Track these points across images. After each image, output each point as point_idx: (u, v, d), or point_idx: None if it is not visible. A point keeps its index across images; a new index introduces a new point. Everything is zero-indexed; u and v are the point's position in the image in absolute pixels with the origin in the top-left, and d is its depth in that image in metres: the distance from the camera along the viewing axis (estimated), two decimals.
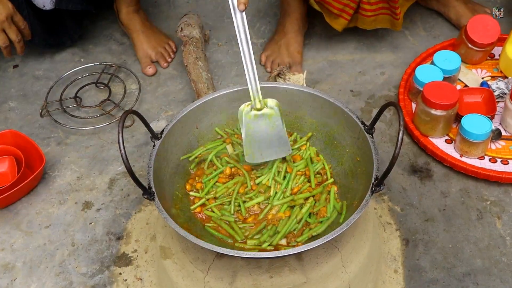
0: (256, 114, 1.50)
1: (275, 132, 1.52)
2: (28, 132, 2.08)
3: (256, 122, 1.51)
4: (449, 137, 1.93)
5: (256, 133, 1.52)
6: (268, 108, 1.50)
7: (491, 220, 1.76)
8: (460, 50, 2.11)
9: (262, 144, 1.53)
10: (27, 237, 1.81)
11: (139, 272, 1.70)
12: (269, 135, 1.52)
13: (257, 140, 1.52)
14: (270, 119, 1.51)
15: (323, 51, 2.32)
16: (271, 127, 1.52)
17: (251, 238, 1.44)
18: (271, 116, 1.51)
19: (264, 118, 1.51)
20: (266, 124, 1.51)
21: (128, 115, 1.36)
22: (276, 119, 1.51)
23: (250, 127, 1.51)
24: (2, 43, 2.00)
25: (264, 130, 1.51)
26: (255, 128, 1.51)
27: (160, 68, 2.31)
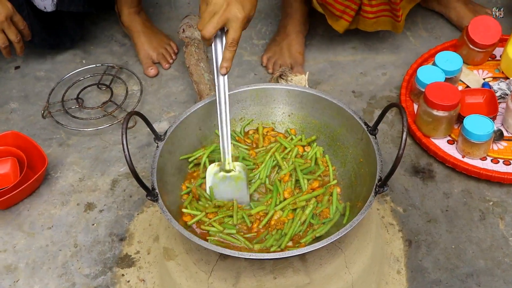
0: (224, 175, 1.52)
1: (238, 193, 1.54)
2: (30, 133, 2.08)
3: (223, 183, 1.53)
4: (451, 138, 1.93)
5: (221, 192, 1.53)
6: (237, 172, 1.52)
7: (494, 221, 1.76)
8: (462, 51, 2.11)
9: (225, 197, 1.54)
10: (30, 238, 1.81)
11: (141, 273, 1.70)
12: (232, 194, 1.53)
13: (219, 197, 1.54)
14: (236, 182, 1.53)
15: (324, 52, 2.32)
16: (236, 189, 1.53)
17: (256, 243, 1.44)
18: (237, 179, 1.53)
19: (231, 180, 1.53)
20: (231, 186, 1.53)
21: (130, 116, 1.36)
22: (241, 183, 1.53)
23: (216, 187, 1.53)
24: (1, 43, 1.99)
25: (229, 191, 1.53)
26: (220, 188, 1.53)
27: (161, 69, 2.31)
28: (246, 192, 1.54)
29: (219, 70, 1.48)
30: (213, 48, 1.50)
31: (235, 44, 1.46)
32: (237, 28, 1.45)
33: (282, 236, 1.44)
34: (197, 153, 1.60)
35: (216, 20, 1.44)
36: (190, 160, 1.60)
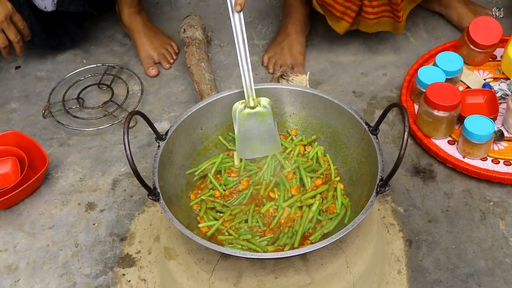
0: (249, 112, 1.56)
1: (267, 130, 1.57)
2: (30, 133, 2.08)
3: (249, 120, 1.56)
4: (451, 138, 1.93)
5: (248, 130, 1.57)
6: (261, 107, 1.56)
7: (494, 221, 1.76)
8: (462, 52, 2.11)
9: (254, 141, 1.58)
10: (30, 238, 1.81)
11: (142, 273, 1.70)
12: (260, 132, 1.57)
13: (248, 137, 1.57)
14: (263, 117, 1.56)
15: (325, 52, 2.32)
16: (263, 125, 1.57)
17: (271, 245, 1.43)
18: (263, 114, 1.56)
19: (257, 116, 1.56)
20: (259, 122, 1.57)
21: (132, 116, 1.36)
22: (268, 118, 1.57)
23: (243, 124, 1.56)
24: (1, 43, 2.00)
25: (256, 128, 1.57)
26: (247, 126, 1.57)
27: (162, 69, 2.31)
28: (274, 130, 1.57)
29: (234, 8, 1.50)
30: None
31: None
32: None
33: (293, 234, 1.44)
34: (203, 166, 1.60)
35: None
36: (196, 174, 1.60)
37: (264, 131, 1.58)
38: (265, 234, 1.46)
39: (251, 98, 1.55)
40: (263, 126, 1.57)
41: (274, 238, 1.44)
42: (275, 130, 1.58)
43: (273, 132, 1.58)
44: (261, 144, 1.59)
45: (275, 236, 1.45)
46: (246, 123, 1.56)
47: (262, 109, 1.56)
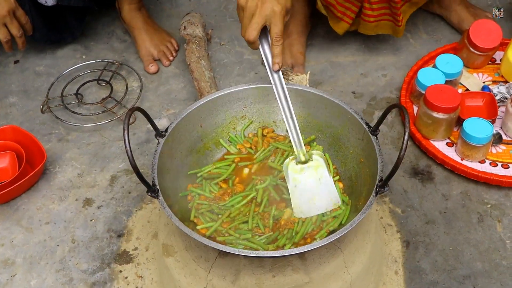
0: (302, 168, 1.50)
1: (323, 183, 1.50)
2: (29, 128, 2.08)
3: (302, 175, 1.50)
4: (450, 140, 1.93)
5: (304, 186, 1.50)
6: (314, 160, 1.51)
7: (492, 224, 1.76)
8: (462, 54, 2.12)
9: (310, 197, 1.50)
10: (27, 233, 1.80)
11: (140, 270, 1.70)
12: (316, 187, 1.50)
13: (304, 194, 1.50)
14: (316, 171, 1.50)
15: (325, 53, 2.32)
16: (317, 179, 1.50)
17: (269, 243, 1.43)
18: (317, 168, 1.50)
19: (310, 170, 1.50)
20: (313, 177, 1.50)
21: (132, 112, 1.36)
22: (322, 171, 1.50)
23: (297, 181, 1.50)
24: (3, 37, 2.00)
25: (311, 183, 1.50)
26: (301, 181, 1.50)
27: (162, 67, 2.31)
28: (331, 183, 1.50)
29: (272, 67, 1.49)
30: (261, 49, 1.50)
31: (279, 38, 1.47)
32: (277, 22, 1.46)
33: (293, 236, 1.44)
34: (206, 168, 1.60)
35: (255, 21, 1.45)
36: (198, 175, 1.59)
37: (320, 185, 1.50)
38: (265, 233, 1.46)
39: (301, 153, 1.50)
40: (318, 180, 1.50)
41: (272, 237, 1.44)
42: (331, 183, 1.50)
43: (329, 185, 1.50)
44: (318, 199, 1.50)
45: (273, 235, 1.45)
46: (300, 179, 1.50)
47: (314, 162, 1.50)
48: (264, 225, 1.47)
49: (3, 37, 2.00)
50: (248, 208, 1.51)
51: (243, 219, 1.48)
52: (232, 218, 1.49)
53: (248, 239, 1.44)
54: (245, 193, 1.54)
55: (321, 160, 1.51)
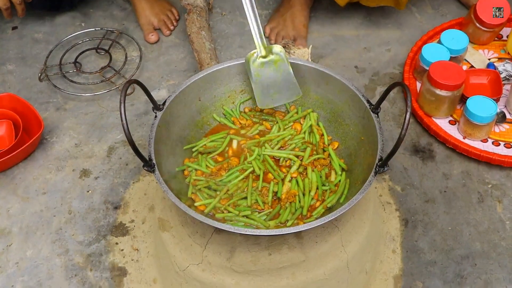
0: (262, 62, 1.55)
1: (283, 76, 1.55)
2: (26, 96, 2.05)
3: (263, 69, 1.55)
4: (453, 118, 1.91)
5: (265, 79, 1.55)
6: (274, 54, 1.55)
7: (492, 204, 1.75)
8: (468, 30, 2.08)
9: (272, 89, 1.56)
10: (24, 203, 1.79)
11: (136, 243, 1.69)
12: (277, 80, 1.56)
13: (266, 86, 1.56)
14: (276, 65, 1.55)
15: (328, 26, 2.28)
16: (278, 72, 1.55)
17: (270, 219, 1.42)
18: (277, 62, 1.55)
19: (271, 65, 1.55)
20: (273, 70, 1.56)
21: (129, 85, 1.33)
22: (282, 64, 1.55)
23: (258, 75, 1.55)
24: (3, 4, 1.96)
25: (272, 76, 1.55)
26: (262, 75, 1.55)
27: (162, 36, 2.28)
28: (291, 76, 1.55)
29: None
30: None
31: None
32: None
33: (297, 209, 1.43)
34: (201, 142, 1.58)
35: None
36: (193, 150, 1.57)
37: (280, 78, 1.56)
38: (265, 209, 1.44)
39: (262, 46, 1.54)
40: (279, 73, 1.56)
41: (273, 213, 1.43)
42: (291, 76, 1.55)
43: (290, 78, 1.56)
44: (279, 91, 1.57)
45: (274, 211, 1.43)
46: (261, 73, 1.56)
47: (274, 56, 1.55)
48: (263, 201, 1.45)
49: (3, 4, 1.96)
50: (246, 183, 1.49)
51: (241, 195, 1.46)
52: (230, 194, 1.47)
53: (248, 216, 1.42)
54: (240, 167, 1.52)
55: (281, 54, 1.55)
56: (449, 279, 1.60)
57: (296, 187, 1.46)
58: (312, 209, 1.43)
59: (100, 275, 1.64)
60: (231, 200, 1.44)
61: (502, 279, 1.60)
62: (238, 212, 1.42)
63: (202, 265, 1.43)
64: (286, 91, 1.57)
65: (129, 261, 1.66)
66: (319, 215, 1.40)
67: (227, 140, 1.57)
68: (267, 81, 1.56)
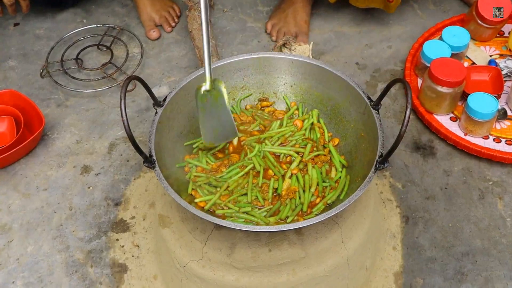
0: (205, 95, 1.46)
1: (222, 113, 1.49)
2: (27, 93, 2.05)
3: (206, 103, 1.47)
4: (454, 115, 1.90)
5: (209, 115, 1.48)
6: (215, 89, 1.46)
7: (493, 201, 1.74)
8: (469, 26, 2.08)
9: (214, 126, 1.50)
10: (25, 199, 1.80)
11: (136, 239, 1.69)
12: (218, 116, 1.49)
13: (208, 121, 1.49)
14: (217, 100, 1.47)
15: (330, 22, 2.28)
16: (218, 108, 1.48)
17: (270, 216, 1.42)
18: (217, 97, 1.47)
19: (212, 99, 1.47)
20: (214, 105, 1.48)
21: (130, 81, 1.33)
22: (221, 100, 1.47)
23: (203, 109, 1.47)
24: (7, 0, 1.97)
25: (213, 112, 1.49)
26: (206, 109, 1.48)
27: (163, 33, 2.28)
28: (229, 115, 1.49)
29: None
30: None
31: None
32: None
33: (297, 205, 1.43)
34: (201, 139, 1.57)
35: None
36: (194, 146, 1.57)
37: (219, 114, 1.49)
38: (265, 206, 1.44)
39: (208, 80, 1.45)
40: (220, 109, 1.49)
41: (273, 209, 1.43)
42: (229, 114, 1.49)
43: (227, 116, 1.49)
44: (220, 128, 1.51)
45: (274, 207, 1.43)
46: (205, 106, 1.47)
47: (215, 91, 1.46)
48: (263, 198, 1.45)
49: (7, 0, 1.97)
50: (246, 180, 1.49)
51: (241, 192, 1.46)
52: (231, 191, 1.47)
53: (248, 212, 1.42)
54: (241, 163, 1.52)
55: (221, 89, 1.47)
56: (450, 276, 1.60)
57: (296, 183, 1.46)
58: (312, 205, 1.43)
59: (100, 272, 1.64)
60: (231, 197, 1.44)
61: (503, 276, 1.60)
62: (238, 209, 1.42)
63: (202, 261, 1.43)
64: (224, 129, 1.51)
65: (129, 257, 1.67)
66: (319, 212, 1.40)
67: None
68: (209, 116, 1.49)
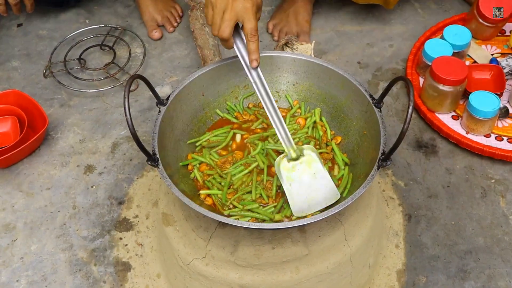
0: (294, 165, 1.42)
1: (318, 178, 1.43)
2: (31, 93, 2.06)
3: (295, 173, 1.42)
4: (456, 113, 1.91)
5: (299, 183, 1.42)
6: (305, 156, 1.43)
7: (495, 199, 1.75)
8: (471, 25, 2.08)
9: (308, 194, 1.42)
10: (28, 198, 1.80)
11: (139, 238, 1.70)
12: (312, 183, 1.42)
13: (301, 192, 1.42)
14: (310, 167, 1.43)
15: (331, 21, 2.29)
16: (312, 174, 1.42)
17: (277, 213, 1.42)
18: (310, 163, 1.43)
19: (303, 166, 1.43)
20: (307, 173, 1.42)
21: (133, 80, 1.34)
22: (316, 165, 1.42)
23: (291, 179, 1.42)
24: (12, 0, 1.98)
25: (306, 180, 1.42)
26: (295, 179, 1.42)
27: (166, 33, 2.28)
28: (328, 177, 1.42)
29: (250, 65, 1.43)
30: (235, 47, 1.46)
31: (254, 33, 1.41)
32: (250, 18, 1.40)
33: None
34: (205, 137, 1.58)
35: (228, 18, 1.39)
36: (197, 144, 1.58)
37: (315, 181, 1.42)
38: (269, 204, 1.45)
39: (291, 150, 1.42)
40: (312, 175, 1.42)
41: (278, 207, 1.43)
42: (327, 177, 1.42)
43: (326, 179, 1.42)
44: (316, 195, 1.42)
45: (278, 204, 1.44)
46: (293, 177, 1.42)
47: (306, 157, 1.42)
48: (267, 195, 1.46)
49: (12, 0, 1.98)
50: (250, 178, 1.49)
51: (246, 190, 1.47)
52: (235, 189, 1.48)
53: (253, 210, 1.42)
54: (244, 161, 1.52)
55: (313, 154, 1.43)
56: (452, 273, 1.61)
57: None
58: None
59: (104, 270, 1.65)
60: (236, 195, 1.45)
61: (506, 273, 1.60)
62: (243, 207, 1.43)
63: (205, 259, 1.44)
64: (322, 194, 1.41)
65: (133, 256, 1.67)
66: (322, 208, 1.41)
67: (230, 134, 1.58)
68: (301, 185, 1.41)
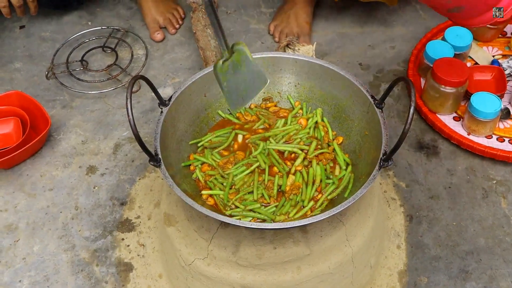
0: (226, 64, 1.42)
1: (247, 68, 1.43)
2: (33, 94, 2.07)
3: (229, 71, 1.43)
4: (457, 115, 1.91)
5: (233, 80, 1.43)
6: (235, 52, 1.41)
7: (496, 200, 1.75)
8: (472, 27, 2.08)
9: (241, 87, 1.45)
10: (31, 199, 1.81)
11: (141, 238, 1.71)
12: (243, 75, 1.43)
13: (235, 87, 1.44)
14: (239, 60, 1.42)
15: (332, 23, 2.29)
16: (242, 67, 1.43)
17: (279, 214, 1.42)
18: (239, 56, 1.42)
19: (234, 62, 1.42)
20: (237, 67, 1.43)
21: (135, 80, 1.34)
22: (244, 57, 1.42)
23: (226, 78, 1.43)
24: (16, 2, 1.99)
25: (237, 74, 1.43)
26: (230, 77, 1.43)
27: (168, 34, 2.29)
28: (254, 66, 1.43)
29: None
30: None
31: None
32: None
33: (298, 201, 1.43)
34: (206, 138, 1.59)
35: None
36: (199, 145, 1.58)
37: (245, 71, 1.43)
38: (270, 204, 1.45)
39: (226, 51, 1.41)
40: (243, 68, 1.43)
41: (279, 207, 1.44)
42: (254, 65, 1.43)
43: (253, 68, 1.43)
44: (249, 85, 1.45)
45: (280, 204, 1.44)
46: (228, 75, 1.43)
47: (235, 54, 1.41)
48: (269, 195, 1.46)
49: (16, 2, 1.99)
50: (252, 178, 1.50)
51: (248, 190, 1.47)
52: (237, 189, 1.48)
53: (255, 210, 1.43)
54: (246, 161, 1.53)
55: (241, 48, 1.41)
56: (454, 274, 1.61)
57: (300, 179, 1.47)
58: (314, 201, 1.44)
59: (106, 271, 1.65)
60: (238, 195, 1.45)
61: (507, 274, 1.60)
62: (245, 207, 1.43)
63: (207, 259, 1.44)
64: (253, 83, 1.45)
65: (135, 256, 1.68)
66: (324, 208, 1.41)
67: (232, 135, 1.58)
68: (236, 81, 1.44)
